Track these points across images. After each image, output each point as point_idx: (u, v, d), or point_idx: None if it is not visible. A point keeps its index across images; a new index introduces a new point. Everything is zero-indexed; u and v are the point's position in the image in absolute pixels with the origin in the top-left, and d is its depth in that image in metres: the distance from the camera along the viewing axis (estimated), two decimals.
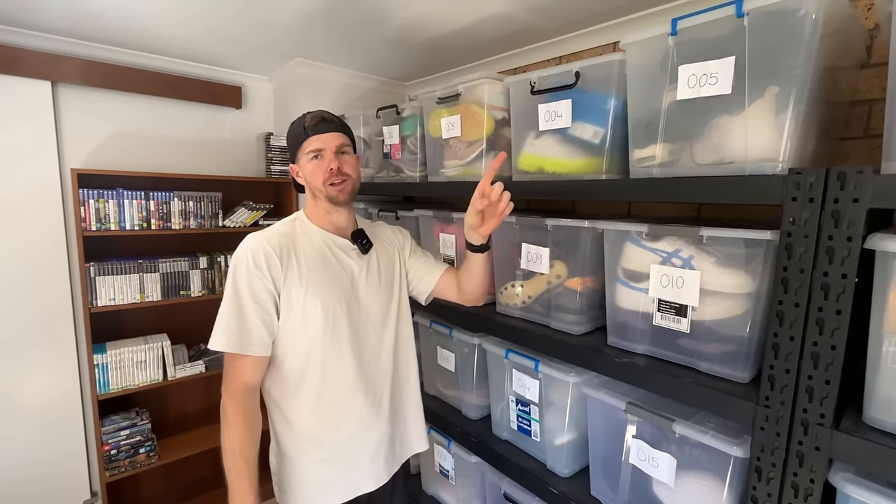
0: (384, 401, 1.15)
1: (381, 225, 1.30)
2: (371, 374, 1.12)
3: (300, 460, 1.08)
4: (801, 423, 0.74)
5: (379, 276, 1.17)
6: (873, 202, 0.66)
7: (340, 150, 1.08)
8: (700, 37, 0.88)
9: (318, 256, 1.08)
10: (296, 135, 1.08)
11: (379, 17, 1.60)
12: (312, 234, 1.10)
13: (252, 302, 0.99)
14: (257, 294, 1.00)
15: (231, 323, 0.99)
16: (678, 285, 0.93)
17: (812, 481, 0.74)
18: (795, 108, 0.78)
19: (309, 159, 1.06)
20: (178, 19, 1.67)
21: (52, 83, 1.89)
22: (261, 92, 2.48)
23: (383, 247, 1.22)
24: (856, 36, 0.95)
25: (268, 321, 1.01)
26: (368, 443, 1.12)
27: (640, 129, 0.99)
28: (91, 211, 1.87)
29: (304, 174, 1.09)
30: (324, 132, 1.05)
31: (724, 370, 0.89)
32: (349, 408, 1.09)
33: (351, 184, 1.09)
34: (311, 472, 1.08)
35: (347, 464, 1.10)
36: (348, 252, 1.13)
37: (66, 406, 1.99)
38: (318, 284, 1.05)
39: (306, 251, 1.07)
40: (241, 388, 1.00)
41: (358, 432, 1.10)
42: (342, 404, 1.08)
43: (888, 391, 0.70)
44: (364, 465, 1.12)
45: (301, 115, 1.10)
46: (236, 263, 1.01)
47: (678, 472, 0.95)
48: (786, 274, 0.75)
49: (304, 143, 1.06)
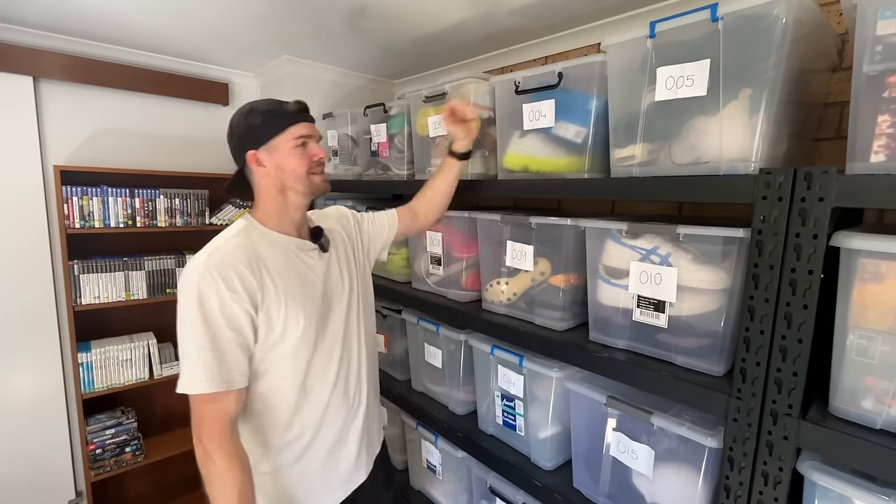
0: (362, 395, 1.14)
1: (333, 213, 1.25)
2: (350, 375, 1.11)
3: (284, 474, 1.01)
4: (770, 414, 0.77)
5: (341, 273, 1.12)
6: (837, 201, 0.69)
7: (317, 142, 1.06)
8: (677, 39, 0.90)
9: (289, 266, 0.98)
10: (275, 117, 0.97)
11: (364, 14, 1.61)
12: (276, 242, 0.99)
13: (228, 330, 0.87)
14: (233, 320, 0.87)
15: (207, 359, 0.84)
16: (656, 282, 0.96)
17: (781, 470, 0.77)
18: (767, 109, 0.81)
19: (293, 146, 0.97)
20: (163, 15, 1.66)
21: (35, 78, 1.87)
22: (248, 89, 2.47)
23: (335, 238, 1.16)
24: (827, 40, 0.98)
25: (245, 346, 0.90)
26: (352, 439, 1.12)
27: (621, 129, 1.01)
28: (75, 208, 1.86)
29: (280, 161, 0.97)
30: (309, 120, 1.02)
31: (700, 364, 0.92)
32: (333, 414, 1.06)
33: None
34: (301, 481, 1.04)
35: (336, 464, 1.09)
36: (310, 254, 1.05)
37: (51, 405, 1.97)
38: (299, 298, 0.97)
39: (275, 262, 0.96)
40: (228, 428, 0.88)
41: (342, 433, 1.09)
42: (327, 412, 1.05)
43: (852, 382, 0.73)
44: (350, 460, 1.12)
45: (268, 98, 1.01)
46: (200, 289, 0.86)
47: (656, 463, 0.98)
48: (756, 270, 0.77)
49: (292, 128, 0.97)
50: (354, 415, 1.12)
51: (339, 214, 1.27)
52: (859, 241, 0.68)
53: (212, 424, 0.87)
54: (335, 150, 2.10)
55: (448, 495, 1.58)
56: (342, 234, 1.20)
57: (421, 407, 1.59)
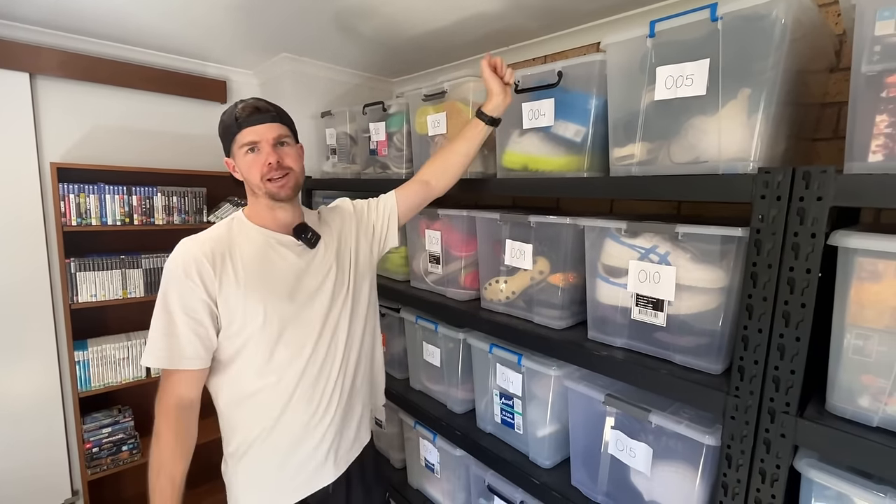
0: (336, 395, 1.09)
1: (334, 208, 1.24)
2: (322, 374, 1.07)
3: (244, 466, 1.04)
4: (768, 412, 0.78)
5: (329, 269, 1.10)
6: (835, 200, 0.69)
7: (279, 142, 1.00)
8: (677, 39, 0.90)
9: (259, 258, 1.00)
10: (227, 126, 0.99)
11: (364, 13, 1.60)
12: (252, 235, 1.02)
13: (183, 314, 0.92)
14: (189, 305, 0.92)
15: (160, 338, 0.92)
16: (655, 280, 0.96)
17: (778, 467, 0.77)
18: (766, 109, 0.81)
19: (244, 153, 0.98)
20: (161, 12, 1.65)
21: (31, 75, 1.85)
22: (246, 87, 2.46)
23: (332, 234, 1.14)
24: (825, 41, 0.99)
25: (203, 333, 0.94)
26: (315, 439, 1.07)
27: (620, 129, 1.02)
28: (71, 206, 1.85)
29: (240, 169, 1.01)
30: (258, 123, 0.97)
31: (698, 362, 0.93)
32: (295, 410, 1.04)
33: (294, 178, 1.02)
34: (257, 477, 1.04)
35: (294, 466, 1.05)
36: (293, 249, 1.06)
37: (47, 404, 1.97)
38: (260, 288, 0.98)
39: (244, 253, 0.99)
40: (175, 403, 0.95)
41: (304, 432, 1.05)
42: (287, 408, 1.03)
43: (849, 381, 0.73)
44: (313, 462, 1.07)
45: (232, 103, 1.02)
46: (166, 274, 0.94)
47: (654, 461, 0.98)
48: (755, 269, 0.78)
49: (238, 136, 0.98)
50: (323, 413, 1.06)
51: (340, 208, 1.25)
52: (857, 240, 0.69)
53: (162, 395, 0.96)
54: (333, 149, 2.10)
55: (446, 494, 1.58)
56: (339, 229, 1.19)
57: (419, 405, 1.59)
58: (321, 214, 1.21)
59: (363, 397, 1.21)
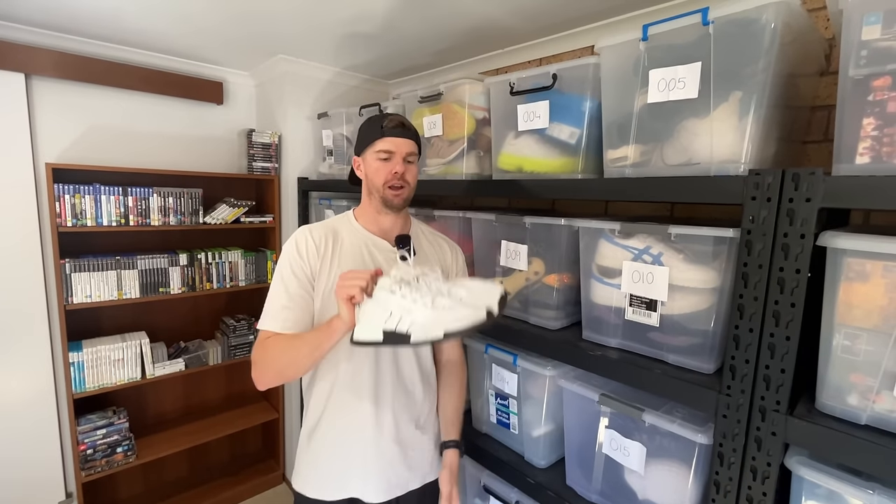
0: (394, 412, 1.10)
1: (440, 237, 1.25)
2: (385, 381, 1.08)
3: (308, 446, 1.12)
4: (759, 410, 0.79)
5: None
6: (824, 202, 0.70)
7: (407, 158, 1.08)
8: (669, 42, 0.91)
9: (353, 253, 1.09)
10: (371, 131, 1.09)
11: (362, 16, 1.61)
12: (355, 233, 1.12)
13: (290, 285, 1.05)
14: (296, 278, 1.05)
15: (269, 304, 1.05)
16: (648, 281, 0.97)
17: (769, 465, 0.78)
18: (757, 112, 0.82)
19: (376, 158, 1.08)
20: (157, 12, 1.65)
21: (26, 75, 1.85)
22: (243, 88, 2.46)
23: (427, 260, 1.16)
24: (815, 45, 1.00)
25: (302, 304, 1.05)
26: (367, 451, 1.08)
27: (614, 131, 1.03)
28: (66, 206, 1.84)
29: (367, 170, 1.10)
30: (399, 136, 1.07)
31: (691, 362, 0.94)
32: (357, 408, 1.07)
33: (408, 191, 1.10)
34: (313, 460, 1.11)
35: (344, 464, 1.08)
36: (386, 255, 1.11)
37: (41, 405, 1.95)
38: None
39: (344, 246, 1.09)
40: None
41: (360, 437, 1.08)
42: (351, 403, 1.07)
43: (838, 379, 0.75)
44: (359, 473, 1.09)
45: (381, 113, 1.12)
46: (283, 251, 1.08)
47: (648, 460, 0.99)
48: (746, 269, 0.79)
49: (377, 142, 1.07)
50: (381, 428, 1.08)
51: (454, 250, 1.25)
52: (845, 240, 0.70)
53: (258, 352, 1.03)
54: (330, 150, 2.11)
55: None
56: (442, 259, 1.20)
57: None
58: (431, 235, 1.23)
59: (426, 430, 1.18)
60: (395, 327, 0.84)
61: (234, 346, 2.34)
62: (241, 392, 2.63)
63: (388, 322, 0.84)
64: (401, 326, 0.83)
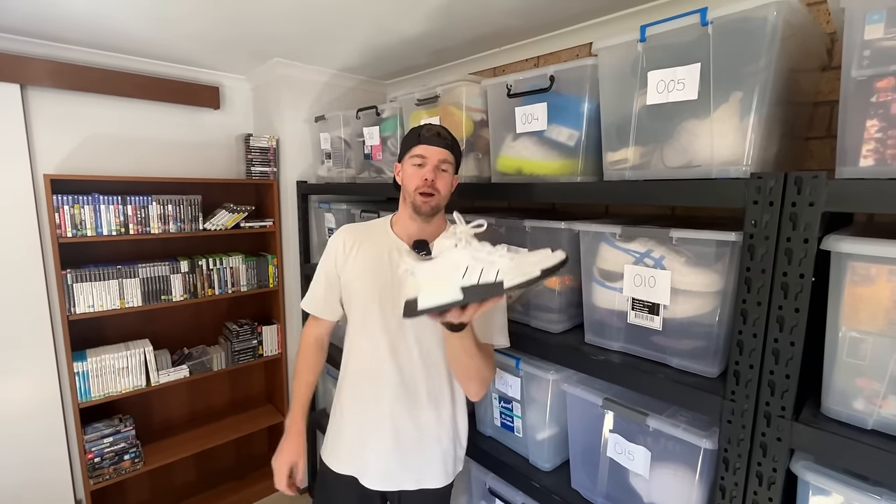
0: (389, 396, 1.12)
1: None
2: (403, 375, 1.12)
3: (334, 419, 1.25)
4: (764, 416, 0.78)
5: None
6: (827, 206, 0.69)
7: (440, 167, 1.10)
8: (668, 43, 0.90)
9: (376, 255, 1.16)
10: (410, 138, 1.14)
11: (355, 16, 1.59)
12: (384, 236, 1.18)
13: (325, 277, 1.22)
14: (328, 271, 1.21)
15: (310, 290, 1.25)
16: (650, 284, 0.96)
17: (775, 470, 0.78)
18: (758, 111, 0.81)
19: (412, 164, 1.11)
20: (150, 19, 1.64)
21: (22, 86, 1.84)
22: (239, 92, 2.45)
23: None
24: (816, 41, 0.99)
25: (330, 294, 1.21)
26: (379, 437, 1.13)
27: (613, 133, 1.01)
28: (66, 217, 1.84)
29: (403, 176, 1.15)
30: (433, 145, 1.09)
31: (695, 366, 0.93)
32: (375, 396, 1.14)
33: (437, 199, 1.10)
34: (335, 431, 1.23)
35: (357, 444, 1.17)
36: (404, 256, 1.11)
37: (47, 415, 1.96)
38: (361, 277, 1.16)
39: (370, 248, 1.17)
40: (308, 334, 1.29)
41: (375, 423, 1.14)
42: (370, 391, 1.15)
43: (844, 384, 0.74)
44: (367, 457, 1.15)
45: (424, 123, 1.17)
46: (327, 245, 1.23)
47: (653, 463, 0.99)
48: (749, 274, 0.78)
49: (414, 148, 1.11)
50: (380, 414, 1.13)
51: None
52: (849, 244, 0.69)
53: (304, 332, 1.30)
54: (328, 153, 2.10)
55: None
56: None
57: None
58: None
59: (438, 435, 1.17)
60: (479, 279, 0.78)
61: (238, 351, 2.34)
62: (246, 396, 2.64)
63: (466, 277, 0.79)
64: (486, 277, 0.78)
